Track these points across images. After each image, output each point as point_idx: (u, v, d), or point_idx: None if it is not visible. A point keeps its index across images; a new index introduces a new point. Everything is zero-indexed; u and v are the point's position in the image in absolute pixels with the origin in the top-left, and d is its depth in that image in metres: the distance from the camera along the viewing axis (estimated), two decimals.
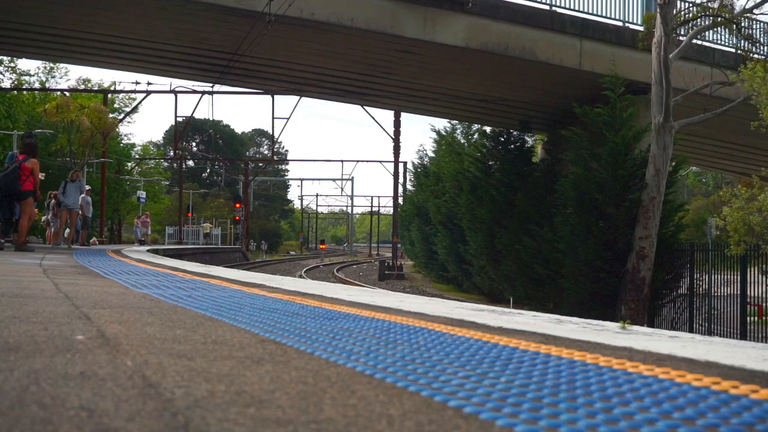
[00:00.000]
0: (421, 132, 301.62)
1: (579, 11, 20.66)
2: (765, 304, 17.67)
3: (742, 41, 19.73)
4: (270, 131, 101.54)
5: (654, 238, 18.16)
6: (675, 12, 18.16)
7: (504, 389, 1.64)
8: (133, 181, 53.40)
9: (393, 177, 43.19)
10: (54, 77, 47.97)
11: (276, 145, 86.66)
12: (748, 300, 17.17)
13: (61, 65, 47.41)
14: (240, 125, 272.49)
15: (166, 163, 69.19)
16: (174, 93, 37.79)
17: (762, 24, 21.85)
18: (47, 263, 8.44)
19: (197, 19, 18.64)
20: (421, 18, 18.89)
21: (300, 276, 31.19)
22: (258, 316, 3.17)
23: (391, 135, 40.91)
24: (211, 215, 69.17)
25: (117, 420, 1.27)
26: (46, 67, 47.43)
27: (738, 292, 17.38)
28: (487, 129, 28.55)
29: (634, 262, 18.12)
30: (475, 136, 32.43)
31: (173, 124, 46.47)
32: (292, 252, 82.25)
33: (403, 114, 39.79)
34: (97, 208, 37.32)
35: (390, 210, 75.71)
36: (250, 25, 17.35)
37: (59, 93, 38.79)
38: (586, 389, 1.66)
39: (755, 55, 18.87)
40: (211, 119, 63.72)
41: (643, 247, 18.05)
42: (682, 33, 19.03)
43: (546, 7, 20.29)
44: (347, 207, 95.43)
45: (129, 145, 56.46)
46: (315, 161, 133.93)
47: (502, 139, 25.73)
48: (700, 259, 18.78)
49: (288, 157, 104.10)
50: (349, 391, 1.58)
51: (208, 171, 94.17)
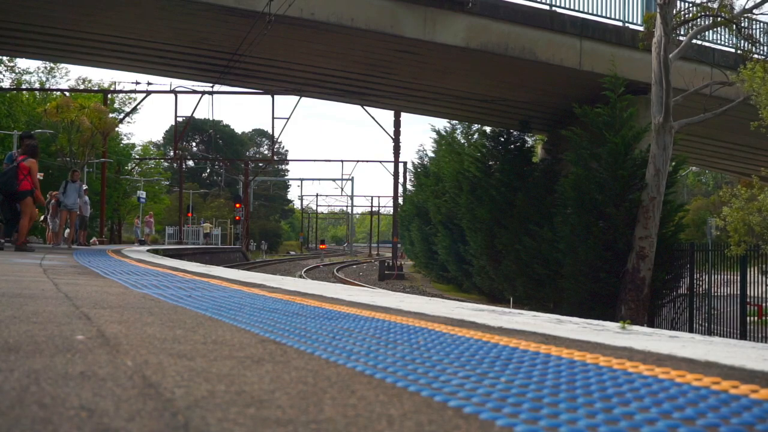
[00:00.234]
0: (421, 132, 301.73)
1: (579, 11, 20.69)
2: (765, 304, 17.67)
3: (742, 41, 19.73)
4: (270, 131, 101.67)
5: (654, 238, 18.16)
6: (675, 12, 18.16)
7: (504, 389, 1.64)
8: (133, 181, 53.39)
9: (393, 177, 43.21)
10: (54, 77, 48.01)
11: (276, 145, 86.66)
12: (748, 300, 17.17)
13: (61, 65, 47.43)
14: (240, 125, 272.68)
15: (166, 163, 69.17)
16: (174, 93, 37.79)
17: (762, 24, 21.86)
18: (47, 263, 8.44)
19: (197, 19, 18.65)
20: (421, 18, 18.89)
21: (300, 276, 31.19)
22: (258, 316, 3.17)
23: (391, 135, 40.93)
24: (211, 215, 69.17)
25: (117, 420, 1.27)
26: (46, 67, 47.44)
27: (738, 292, 17.38)
28: (487, 129, 28.55)
29: (634, 262, 18.12)
30: (475, 136, 32.42)
31: (173, 124, 46.50)
32: (292, 252, 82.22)
33: (403, 114, 39.81)
34: (97, 208, 37.35)
35: (390, 210, 75.77)
36: (250, 25, 17.35)
37: (59, 93, 38.79)
38: (586, 389, 1.66)
39: (755, 55, 18.87)
40: (211, 119, 63.80)
41: (643, 247, 18.06)
42: (682, 33, 19.03)
43: (546, 7, 20.30)
44: (347, 207, 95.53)
45: (129, 145, 56.44)
46: (315, 161, 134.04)
47: (502, 139, 25.72)
48: (700, 259, 18.78)
49: (288, 157, 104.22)
50: (349, 391, 1.58)
51: (208, 171, 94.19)
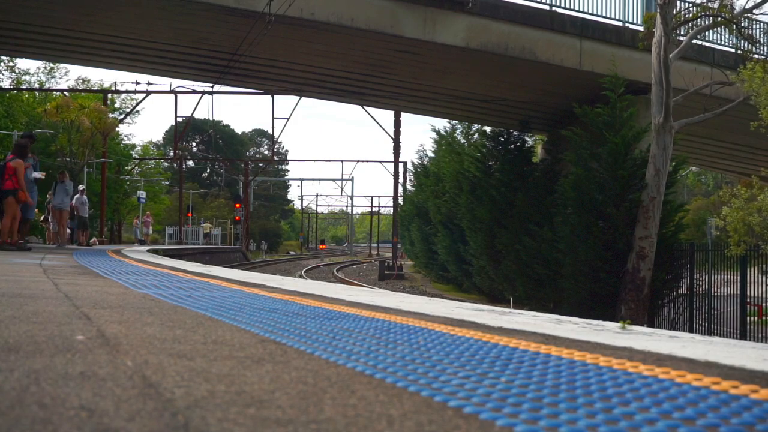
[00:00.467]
0: (421, 132, 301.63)
1: (579, 11, 20.67)
2: (765, 304, 17.65)
3: (742, 41, 19.72)
4: (270, 131, 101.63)
5: (654, 238, 18.16)
6: (675, 12, 18.15)
7: (504, 389, 1.64)
8: (133, 181, 53.39)
9: (393, 177, 43.20)
10: (54, 77, 47.98)
11: (276, 145, 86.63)
12: (748, 300, 17.16)
13: (61, 65, 47.41)
14: (240, 125, 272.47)
15: (166, 163, 69.17)
16: (174, 93, 37.80)
17: (762, 24, 21.85)
18: (47, 263, 8.44)
19: (197, 19, 18.65)
20: (421, 18, 18.89)
21: (300, 276, 31.19)
22: (258, 316, 3.17)
23: (391, 135, 40.93)
24: (211, 215, 69.16)
25: (117, 420, 1.27)
26: (45, 67, 47.42)
27: (738, 292, 17.38)
28: (487, 129, 28.53)
29: (634, 262, 18.12)
30: (475, 136, 32.41)
31: (173, 124, 46.50)
32: (292, 252, 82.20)
33: (403, 114, 39.80)
34: (97, 208, 37.35)
35: (390, 210, 75.72)
36: (250, 25, 17.35)
37: (59, 93, 38.79)
38: (586, 389, 1.66)
39: (755, 55, 18.86)
40: (211, 119, 63.64)
41: (643, 247, 18.05)
42: (682, 33, 19.03)
43: (546, 7, 20.29)
44: (347, 207, 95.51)
45: (129, 146, 56.44)
46: (315, 161, 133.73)
47: (502, 139, 25.72)
48: (700, 259, 18.77)
49: (288, 157, 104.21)
50: (349, 391, 1.58)
51: (208, 171, 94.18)
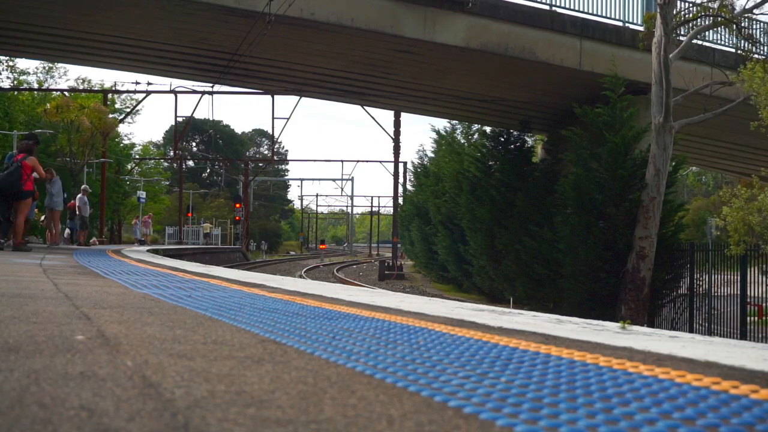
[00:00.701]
0: (421, 132, 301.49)
1: (579, 11, 20.67)
2: (765, 304, 17.65)
3: (742, 41, 19.71)
4: (270, 131, 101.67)
5: (654, 238, 18.16)
6: (675, 12, 18.15)
7: (504, 389, 1.64)
8: (133, 181, 53.39)
9: (393, 177, 43.21)
10: (53, 77, 47.94)
11: (276, 145, 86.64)
12: (748, 300, 17.16)
13: (60, 65, 47.37)
14: (240, 125, 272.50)
15: (166, 163, 69.19)
16: (174, 93, 37.79)
17: (762, 24, 21.85)
18: (47, 263, 8.44)
19: (197, 19, 18.65)
20: (421, 18, 18.89)
21: (300, 276, 31.19)
22: (258, 316, 3.17)
23: (391, 135, 40.93)
24: (211, 215, 69.16)
25: (117, 420, 1.27)
26: (44, 67, 47.39)
27: (738, 292, 17.38)
28: (487, 129, 28.54)
29: (634, 262, 18.12)
30: (475, 136, 32.42)
31: (173, 124, 46.48)
32: (292, 252, 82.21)
33: (403, 114, 39.80)
34: (97, 208, 37.35)
35: (390, 210, 75.72)
36: (250, 25, 17.35)
37: (59, 93, 38.79)
38: (586, 389, 1.66)
39: (755, 56, 18.85)
40: (211, 119, 63.64)
41: (643, 247, 18.05)
42: (682, 33, 19.03)
43: (546, 7, 20.29)
44: (347, 207, 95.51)
45: (129, 146, 56.44)
46: (315, 161, 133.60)
47: (502, 139, 25.72)
48: (700, 259, 18.77)
49: (288, 157, 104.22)
50: (349, 391, 1.58)
51: (208, 171, 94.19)
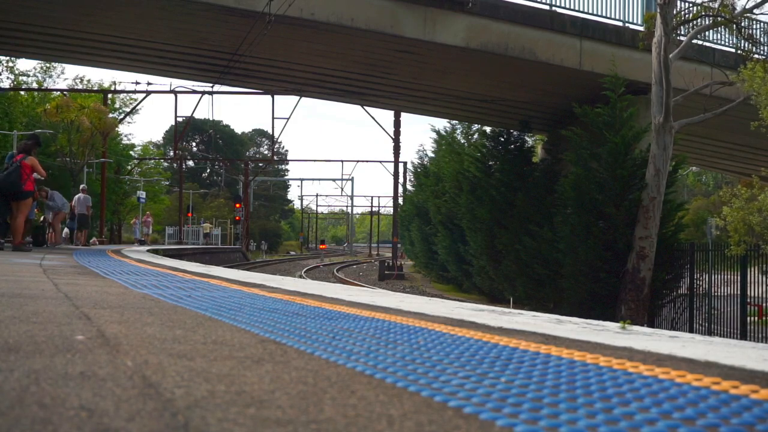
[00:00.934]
0: (421, 132, 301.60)
1: (579, 11, 20.68)
2: (765, 304, 17.65)
3: (742, 41, 19.71)
4: (270, 131, 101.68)
5: (654, 238, 18.15)
6: (675, 12, 18.15)
7: (504, 389, 1.64)
8: (133, 182, 53.38)
9: (393, 177, 43.21)
10: (51, 77, 47.91)
11: (276, 145, 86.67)
12: (748, 300, 17.16)
13: (57, 64, 47.34)
14: (240, 125, 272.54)
15: (166, 163, 69.16)
16: (174, 93, 37.76)
17: (762, 24, 21.85)
18: (47, 263, 8.44)
19: (197, 19, 18.65)
20: (421, 18, 18.89)
21: (300, 276, 31.18)
22: (258, 316, 3.17)
23: (391, 135, 40.93)
24: (211, 215, 69.14)
25: (117, 420, 1.27)
26: (42, 67, 47.37)
27: (738, 292, 17.37)
28: (487, 129, 28.54)
29: (634, 262, 18.12)
30: (475, 136, 32.42)
31: (173, 124, 46.46)
32: (292, 252, 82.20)
33: (403, 114, 39.81)
34: (97, 208, 37.33)
35: (390, 210, 75.71)
36: (250, 25, 17.35)
37: (59, 93, 38.78)
38: (586, 389, 1.66)
39: (755, 55, 18.86)
40: (211, 119, 63.63)
41: (643, 247, 18.05)
42: (682, 33, 19.02)
43: (546, 7, 20.30)
44: (347, 207, 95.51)
45: (129, 146, 56.43)
46: (315, 161, 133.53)
47: (502, 139, 25.72)
48: (700, 259, 18.76)
49: (288, 157, 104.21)
50: (349, 391, 1.58)
51: (208, 171, 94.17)
